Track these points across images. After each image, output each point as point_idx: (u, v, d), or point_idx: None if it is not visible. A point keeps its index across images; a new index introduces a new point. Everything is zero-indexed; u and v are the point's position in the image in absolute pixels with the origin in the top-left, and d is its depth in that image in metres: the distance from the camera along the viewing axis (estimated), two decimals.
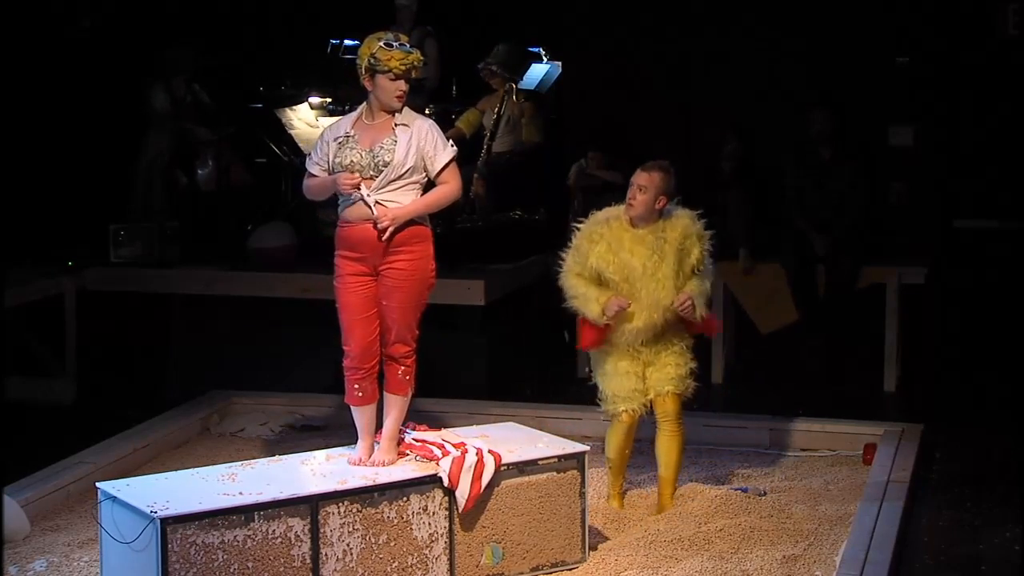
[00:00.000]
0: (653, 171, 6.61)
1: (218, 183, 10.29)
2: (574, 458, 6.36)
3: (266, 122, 10.24)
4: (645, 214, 6.62)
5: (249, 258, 9.60)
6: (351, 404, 6.28)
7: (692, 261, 6.65)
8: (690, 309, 6.59)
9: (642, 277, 6.59)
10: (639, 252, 6.60)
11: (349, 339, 6.20)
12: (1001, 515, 6.93)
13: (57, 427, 8.68)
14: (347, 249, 6.17)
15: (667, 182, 6.61)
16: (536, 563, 6.26)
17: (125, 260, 9.80)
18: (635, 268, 6.59)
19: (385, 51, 6.07)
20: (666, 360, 6.73)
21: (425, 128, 6.17)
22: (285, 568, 5.68)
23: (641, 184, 6.60)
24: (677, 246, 6.60)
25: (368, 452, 6.20)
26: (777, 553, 6.37)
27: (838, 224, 9.46)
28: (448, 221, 9.57)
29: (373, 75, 6.10)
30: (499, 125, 9.91)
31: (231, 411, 8.69)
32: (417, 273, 6.16)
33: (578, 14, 10.62)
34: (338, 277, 6.22)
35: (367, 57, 6.11)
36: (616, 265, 6.61)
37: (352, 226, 6.14)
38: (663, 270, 6.58)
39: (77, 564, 6.30)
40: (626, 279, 6.60)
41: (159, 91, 10.42)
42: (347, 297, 6.17)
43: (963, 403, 8.90)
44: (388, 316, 6.17)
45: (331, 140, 6.18)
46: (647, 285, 6.58)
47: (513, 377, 9.37)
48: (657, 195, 6.59)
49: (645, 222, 6.63)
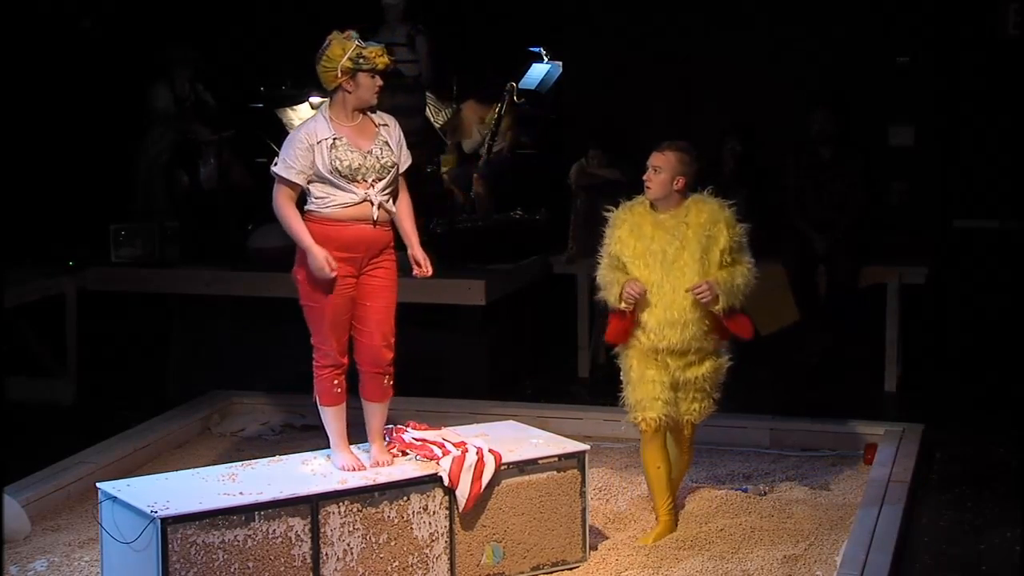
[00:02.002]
0: (668, 151, 6.35)
1: (218, 183, 10.29)
2: (574, 457, 6.35)
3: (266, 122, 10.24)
4: (663, 196, 6.34)
5: (249, 258, 9.60)
6: (330, 404, 6.15)
7: (720, 249, 6.29)
8: (708, 297, 6.22)
9: (663, 263, 6.29)
10: (660, 237, 6.32)
11: (330, 339, 6.08)
12: (1001, 515, 6.93)
13: (57, 427, 8.68)
14: (338, 249, 6.02)
15: (684, 162, 6.33)
16: (537, 562, 6.26)
17: (125, 260, 9.79)
18: (655, 254, 6.30)
19: (367, 49, 5.98)
20: (694, 392, 6.44)
21: (399, 128, 6.21)
22: (286, 568, 5.68)
23: (656, 165, 6.34)
24: (703, 232, 6.28)
25: (355, 457, 6.14)
26: (778, 553, 6.37)
27: (839, 224, 9.46)
28: (449, 221, 9.59)
29: (354, 75, 5.99)
30: (499, 124, 9.92)
31: (231, 411, 8.69)
32: (395, 275, 6.18)
33: (578, 13, 10.62)
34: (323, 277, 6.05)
35: (345, 58, 5.95)
36: (636, 250, 6.32)
37: (345, 225, 6.04)
38: (684, 257, 6.27)
39: (78, 564, 6.30)
40: (647, 265, 6.31)
41: (162, 90, 10.42)
42: (333, 299, 6.04)
43: (964, 403, 8.90)
44: (373, 318, 6.11)
45: (313, 144, 5.99)
46: (669, 272, 6.28)
47: (514, 377, 9.37)
48: (674, 176, 6.31)
49: (666, 206, 6.35)
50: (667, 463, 6.56)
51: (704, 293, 6.23)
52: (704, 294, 6.23)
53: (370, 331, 6.13)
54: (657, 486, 6.58)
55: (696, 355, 6.39)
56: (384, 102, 6.20)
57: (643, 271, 6.33)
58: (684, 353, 6.36)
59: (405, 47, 10.03)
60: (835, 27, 10.04)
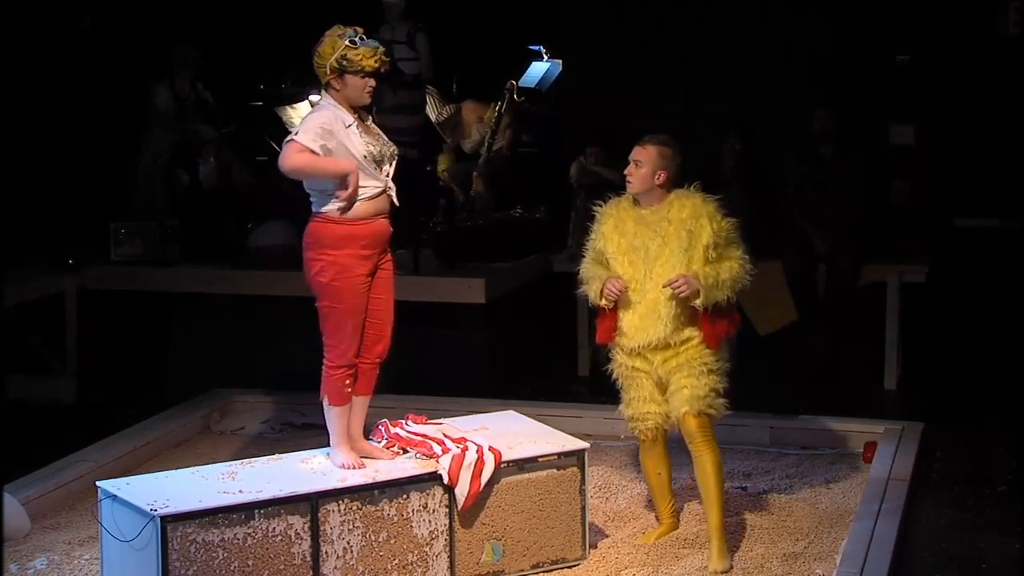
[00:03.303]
0: (649, 144, 6.21)
1: (218, 182, 10.29)
2: (574, 455, 6.35)
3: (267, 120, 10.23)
4: (644, 191, 6.21)
5: (249, 256, 9.60)
6: (339, 404, 6.08)
7: (703, 244, 6.10)
8: (684, 291, 6.03)
9: (645, 260, 6.17)
10: (642, 233, 6.20)
11: (351, 340, 6.01)
12: (1001, 514, 6.94)
13: (58, 425, 8.68)
14: (363, 248, 5.96)
15: (665, 156, 6.19)
16: (536, 560, 6.26)
17: (126, 259, 9.79)
18: (637, 250, 6.19)
19: (354, 50, 5.89)
20: (682, 383, 6.19)
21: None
22: (285, 566, 5.68)
23: (637, 159, 6.21)
24: (684, 227, 6.12)
25: (355, 455, 6.11)
26: (777, 551, 6.38)
27: (839, 223, 9.47)
28: (449, 219, 9.58)
29: (342, 75, 5.91)
30: (499, 123, 9.91)
31: (231, 409, 8.69)
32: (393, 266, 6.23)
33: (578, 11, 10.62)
34: (349, 278, 5.96)
35: (332, 58, 5.89)
36: (620, 246, 6.22)
37: (368, 223, 5.97)
38: (666, 253, 6.13)
39: (78, 562, 6.30)
40: (631, 262, 6.20)
41: (163, 89, 10.41)
42: (359, 299, 5.98)
43: (964, 401, 8.90)
44: (384, 312, 6.11)
45: (341, 128, 5.89)
46: (651, 269, 6.15)
47: (514, 375, 9.37)
48: (655, 170, 6.17)
49: (649, 201, 6.23)
50: (667, 469, 6.51)
51: (681, 287, 6.04)
52: (681, 288, 6.04)
53: (382, 323, 6.12)
54: (658, 491, 6.56)
55: (676, 348, 6.19)
56: (385, 100, 6.17)
57: (626, 268, 6.21)
58: (665, 348, 6.20)
59: (405, 45, 10.05)
60: (835, 26, 10.03)
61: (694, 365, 6.20)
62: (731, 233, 6.21)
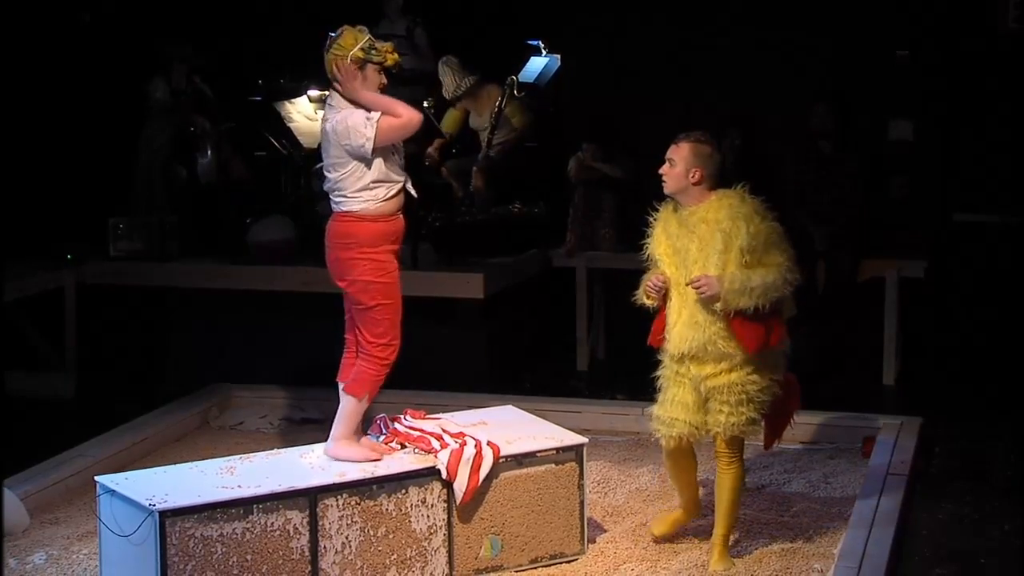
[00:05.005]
0: (683, 142, 6.04)
1: (217, 177, 10.29)
2: (572, 450, 6.36)
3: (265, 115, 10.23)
4: (679, 190, 6.03)
5: (249, 252, 9.60)
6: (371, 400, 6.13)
7: (739, 246, 5.89)
8: (706, 291, 5.84)
9: (684, 262, 5.98)
10: (682, 235, 6.01)
11: (399, 334, 6.08)
12: (1000, 508, 6.94)
13: (56, 421, 8.69)
14: (392, 243, 6.03)
15: (700, 153, 6.00)
16: (535, 555, 6.26)
17: (124, 254, 9.79)
18: (680, 252, 6.00)
19: (380, 43, 6.00)
20: (720, 407, 5.99)
21: None
22: (284, 561, 5.69)
23: (671, 157, 6.04)
24: (719, 228, 5.91)
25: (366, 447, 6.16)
26: (776, 546, 6.38)
27: (838, 218, 9.46)
28: (447, 215, 9.58)
29: (363, 66, 5.95)
30: (499, 118, 9.89)
31: (230, 404, 8.69)
32: None
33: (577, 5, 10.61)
34: (391, 272, 6.02)
35: (357, 47, 5.92)
36: (666, 248, 6.05)
37: (395, 218, 6.04)
38: (703, 256, 5.92)
39: (76, 557, 6.31)
40: (675, 265, 6.02)
41: (160, 83, 10.40)
42: (400, 293, 6.06)
43: (962, 396, 8.89)
44: None
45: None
46: (690, 272, 5.95)
47: (512, 370, 9.37)
48: (688, 168, 5.98)
49: (688, 201, 6.03)
50: (687, 472, 6.34)
51: (702, 287, 5.87)
52: (702, 288, 5.87)
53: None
54: (680, 487, 6.43)
55: (720, 364, 5.98)
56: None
57: (672, 271, 6.05)
58: (705, 361, 5.99)
59: (404, 40, 10.04)
60: (835, 21, 10.02)
61: (734, 391, 5.99)
62: (772, 236, 6.00)
